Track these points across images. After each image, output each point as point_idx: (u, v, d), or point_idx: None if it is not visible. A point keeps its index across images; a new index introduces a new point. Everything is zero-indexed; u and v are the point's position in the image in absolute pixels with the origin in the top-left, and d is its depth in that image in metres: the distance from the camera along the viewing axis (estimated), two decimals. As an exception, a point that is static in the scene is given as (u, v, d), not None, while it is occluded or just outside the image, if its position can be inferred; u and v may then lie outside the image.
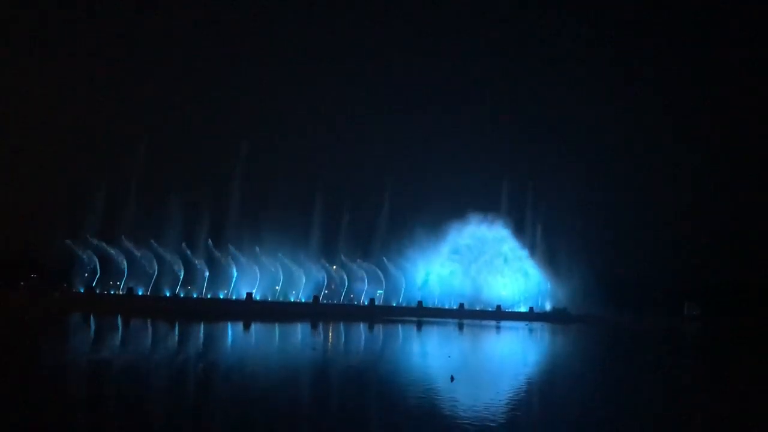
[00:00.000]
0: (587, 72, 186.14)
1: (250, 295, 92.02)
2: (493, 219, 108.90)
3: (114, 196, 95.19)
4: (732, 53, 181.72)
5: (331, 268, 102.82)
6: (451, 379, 22.52)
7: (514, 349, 45.46)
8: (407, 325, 64.98)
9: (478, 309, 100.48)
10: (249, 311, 79.02)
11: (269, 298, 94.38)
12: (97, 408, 17.26)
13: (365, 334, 52.45)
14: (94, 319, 56.49)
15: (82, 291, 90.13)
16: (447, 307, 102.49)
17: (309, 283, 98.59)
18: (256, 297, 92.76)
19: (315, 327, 56.49)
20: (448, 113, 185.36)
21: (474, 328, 65.03)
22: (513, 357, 39.19)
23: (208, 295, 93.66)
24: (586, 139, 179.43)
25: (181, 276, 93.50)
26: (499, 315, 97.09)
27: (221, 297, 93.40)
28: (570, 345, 51.91)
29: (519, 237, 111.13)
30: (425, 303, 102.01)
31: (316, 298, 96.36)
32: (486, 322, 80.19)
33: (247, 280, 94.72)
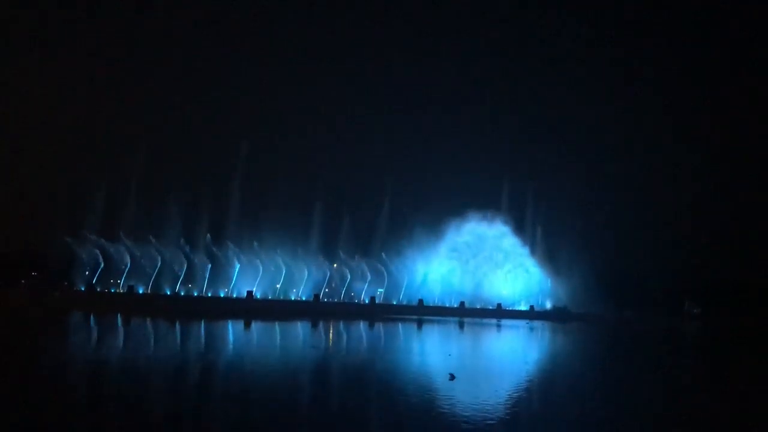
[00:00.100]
0: (587, 72, 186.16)
1: (250, 293, 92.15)
2: (493, 216, 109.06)
3: (114, 195, 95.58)
4: (732, 53, 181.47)
5: (332, 266, 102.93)
6: (451, 377, 22.50)
7: (514, 347, 45.45)
8: (408, 324, 65.00)
9: (479, 307, 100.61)
10: (249, 309, 79.13)
11: (270, 297, 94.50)
12: (97, 408, 17.28)
13: (366, 333, 52.47)
14: (95, 317, 56.54)
15: (83, 289, 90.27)
16: (447, 305, 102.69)
17: (309, 282, 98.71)
18: (257, 295, 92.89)
19: (315, 325, 56.52)
20: (448, 113, 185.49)
21: (474, 327, 65.07)
22: (513, 355, 39.18)
23: (209, 294, 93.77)
24: (586, 139, 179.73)
25: (181, 274, 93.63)
26: (500, 313, 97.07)
27: (222, 295, 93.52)
28: (570, 344, 51.94)
29: (519, 236, 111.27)
30: (426, 301, 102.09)
31: (316, 296, 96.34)
32: (487, 321, 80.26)
33: (248, 279, 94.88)
